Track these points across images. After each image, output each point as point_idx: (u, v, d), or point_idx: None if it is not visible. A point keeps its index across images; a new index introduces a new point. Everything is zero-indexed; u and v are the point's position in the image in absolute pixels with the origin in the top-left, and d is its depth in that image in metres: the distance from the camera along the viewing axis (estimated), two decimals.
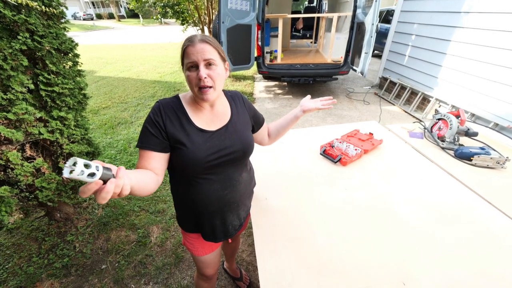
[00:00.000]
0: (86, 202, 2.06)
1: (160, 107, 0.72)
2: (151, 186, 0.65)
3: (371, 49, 3.46)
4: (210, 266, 1.01)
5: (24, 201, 1.53)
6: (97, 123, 3.48)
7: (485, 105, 2.93)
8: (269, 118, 3.71)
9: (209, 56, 0.67)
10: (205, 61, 0.67)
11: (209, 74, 0.68)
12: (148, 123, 0.71)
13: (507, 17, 2.62)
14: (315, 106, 0.98)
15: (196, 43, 0.67)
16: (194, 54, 0.67)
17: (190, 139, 0.71)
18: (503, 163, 1.22)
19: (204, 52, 0.67)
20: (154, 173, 0.69)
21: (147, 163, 0.69)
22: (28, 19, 1.22)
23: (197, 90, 0.69)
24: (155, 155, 0.70)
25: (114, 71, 6.47)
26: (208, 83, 0.68)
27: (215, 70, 0.69)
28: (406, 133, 1.59)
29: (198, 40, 0.68)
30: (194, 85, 0.69)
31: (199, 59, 0.67)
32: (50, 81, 1.38)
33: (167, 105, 0.73)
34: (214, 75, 0.69)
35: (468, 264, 0.78)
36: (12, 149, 1.33)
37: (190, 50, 0.67)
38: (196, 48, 0.67)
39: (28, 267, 1.55)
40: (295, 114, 0.98)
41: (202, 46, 0.67)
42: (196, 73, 0.67)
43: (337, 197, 1.07)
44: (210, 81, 0.68)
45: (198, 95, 0.70)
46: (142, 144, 0.70)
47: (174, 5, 5.58)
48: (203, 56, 0.67)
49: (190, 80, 0.69)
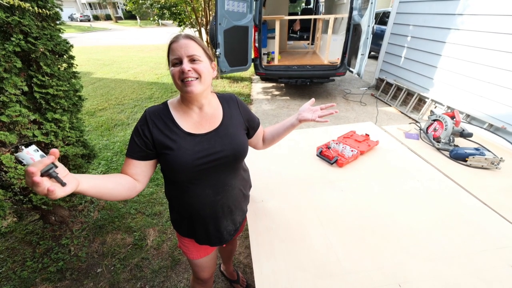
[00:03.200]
0: (82, 205, 2.04)
1: (146, 117, 0.73)
2: (121, 192, 0.66)
3: (367, 50, 3.49)
4: (206, 270, 1.00)
5: (18, 204, 1.51)
6: (94, 125, 3.45)
7: (480, 106, 2.96)
8: (266, 120, 3.71)
9: (193, 52, 0.67)
10: (189, 57, 0.67)
11: (194, 67, 0.68)
12: (135, 133, 0.72)
13: (501, 19, 2.65)
14: (312, 117, 0.89)
15: (180, 39, 0.68)
16: (178, 49, 0.67)
17: (177, 144, 0.71)
18: (497, 164, 1.23)
19: (188, 48, 0.67)
20: (133, 178, 0.72)
21: (127, 168, 0.73)
22: (22, 21, 1.21)
23: (180, 83, 0.68)
24: (135, 162, 0.72)
25: (111, 72, 6.44)
26: (192, 75, 0.67)
27: (199, 64, 0.69)
28: (402, 134, 1.60)
29: (182, 37, 0.69)
30: (177, 78, 0.68)
31: (183, 54, 0.67)
32: (45, 83, 1.37)
33: (153, 113, 0.73)
34: (200, 68, 0.68)
35: (463, 265, 0.78)
36: (6, 152, 1.31)
37: (174, 46, 0.68)
38: (180, 44, 0.67)
39: (22, 271, 1.53)
40: (292, 123, 0.92)
41: (186, 42, 0.67)
42: (180, 67, 0.67)
43: (333, 198, 1.07)
44: (195, 73, 0.68)
45: (182, 88, 0.69)
46: (127, 152, 0.73)
47: (171, 6, 5.57)
48: (187, 52, 0.67)
49: (173, 74, 0.68)
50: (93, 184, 0.58)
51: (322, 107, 0.91)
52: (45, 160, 0.45)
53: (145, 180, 0.75)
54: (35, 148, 0.47)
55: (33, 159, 0.46)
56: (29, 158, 0.46)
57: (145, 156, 0.72)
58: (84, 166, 1.73)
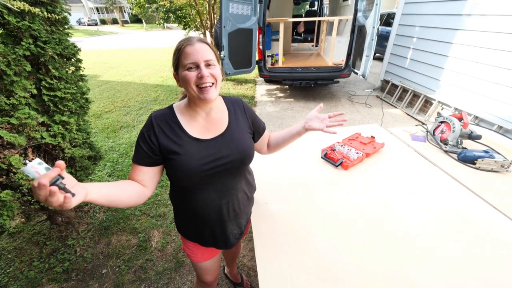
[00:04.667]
0: (88, 206, 2.06)
1: (152, 121, 0.71)
2: (130, 200, 0.66)
3: (372, 52, 3.46)
4: (210, 273, 0.99)
5: (26, 205, 1.53)
6: (100, 127, 3.50)
7: (488, 107, 2.90)
8: (271, 122, 3.71)
9: (209, 57, 0.67)
10: (206, 62, 0.67)
11: (211, 73, 0.67)
12: (141, 138, 0.71)
13: (510, 19, 2.61)
14: (319, 127, 0.84)
15: (195, 43, 0.67)
16: (194, 54, 0.65)
17: (183, 149, 0.70)
18: (507, 167, 1.19)
19: (204, 53, 0.67)
20: (141, 184, 0.71)
21: (135, 174, 0.72)
22: (32, 25, 1.24)
23: (196, 89, 0.67)
24: (143, 169, 0.71)
25: (117, 75, 6.54)
26: (210, 80, 0.67)
27: (215, 69, 0.69)
28: (408, 136, 1.58)
29: (196, 41, 0.68)
30: (193, 83, 0.66)
31: (200, 59, 0.66)
32: (53, 86, 1.40)
33: (159, 117, 0.72)
34: (216, 73, 0.68)
35: (472, 270, 0.76)
36: (15, 153, 1.34)
37: (189, 50, 0.66)
38: (196, 48, 0.66)
39: (29, 271, 1.55)
40: (298, 131, 0.89)
41: (201, 46, 0.67)
42: (197, 72, 0.66)
43: (338, 201, 1.06)
44: (212, 78, 0.68)
45: (198, 95, 0.68)
46: (134, 158, 0.72)
47: (177, 10, 5.65)
48: (204, 57, 0.66)
49: (188, 79, 0.66)
50: (102, 193, 0.58)
51: (330, 115, 0.85)
52: (51, 173, 0.45)
53: (153, 185, 0.74)
54: (39, 161, 0.46)
55: (38, 172, 0.45)
56: (34, 172, 0.45)
57: (152, 162, 0.71)
58: (90, 168, 1.76)
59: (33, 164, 0.45)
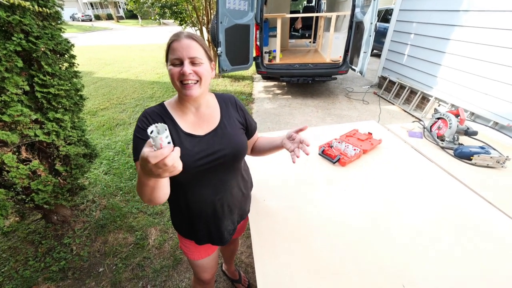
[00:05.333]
0: (84, 204, 2.05)
1: (146, 116, 0.71)
2: (168, 190, 0.64)
3: (369, 48, 3.45)
4: (207, 271, 0.99)
5: (20, 204, 1.51)
6: (95, 125, 3.46)
7: (484, 103, 2.92)
8: (268, 118, 3.70)
9: (194, 54, 0.65)
10: (190, 59, 0.65)
11: (194, 70, 0.66)
12: (138, 132, 0.69)
13: (507, 15, 2.61)
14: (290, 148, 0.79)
15: (182, 38, 0.66)
16: (180, 50, 0.65)
17: (178, 144, 0.69)
18: (503, 162, 1.20)
19: (190, 49, 0.65)
20: None
21: None
22: (23, 20, 1.20)
23: (179, 84, 0.67)
24: None
25: (112, 72, 6.46)
26: (193, 78, 0.66)
27: (200, 66, 0.67)
28: (406, 132, 1.58)
29: (184, 36, 0.66)
30: (176, 79, 0.66)
31: (184, 56, 0.65)
32: (46, 82, 1.37)
33: (152, 113, 0.72)
34: (200, 71, 0.67)
35: (469, 265, 0.77)
36: (7, 152, 1.31)
37: (175, 45, 0.65)
38: (182, 44, 0.65)
39: (24, 270, 1.53)
40: (277, 144, 0.85)
41: (188, 42, 0.65)
42: (180, 68, 0.65)
43: (336, 198, 1.06)
44: (195, 76, 0.66)
45: (181, 90, 0.67)
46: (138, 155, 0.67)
47: (173, 5, 5.56)
48: (188, 54, 0.65)
49: (171, 74, 0.66)
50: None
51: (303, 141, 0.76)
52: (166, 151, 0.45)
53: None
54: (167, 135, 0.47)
55: (161, 145, 0.46)
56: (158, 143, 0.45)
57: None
58: (85, 166, 1.74)
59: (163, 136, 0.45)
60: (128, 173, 2.44)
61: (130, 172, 2.46)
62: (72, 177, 1.65)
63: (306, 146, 0.75)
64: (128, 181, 2.33)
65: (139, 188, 0.58)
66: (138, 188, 0.60)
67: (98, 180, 2.35)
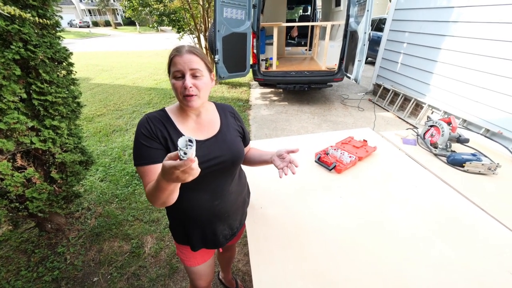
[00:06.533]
0: (79, 212, 2.02)
1: (147, 120, 0.73)
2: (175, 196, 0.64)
3: (364, 56, 3.53)
4: (203, 278, 0.99)
5: (14, 212, 1.49)
6: (92, 131, 3.45)
7: (476, 111, 2.99)
8: (265, 125, 3.73)
9: (195, 66, 0.69)
10: (191, 71, 0.69)
11: (195, 84, 0.70)
12: (140, 137, 0.71)
13: (495, 27, 2.71)
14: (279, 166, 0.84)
15: (184, 53, 0.69)
16: (181, 63, 0.68)
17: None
18: (494, 169, 1.23)
19: (191, 63, 0.68)
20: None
21: (153, 175, 0.68)
22: (22, 29, 1.21)
23: (182, 97, 0.71)
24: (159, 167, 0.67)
25: (109, 78, 6.46)
26: (193, 92, 0.69)
27: (201, 80, 0.71)
28: (400, 140, 1.61)
29: (185, 51, 0.69)
30: (179, 93, 0.70)
31: (186, 69, 0.68)
32: (43, 90, 1.37)
33: (154, 118, 0.74)
34: (200, 85, 0.70)
35: (462, 271, 0.78)
36: (2, 159, 1.30)
37: (177, 60, 0.69)
38: (183, 59, 0.68)
39: (16, 281, 1.50)
40: (267, 159, 0.89)
41: (189, 57, 0.69)
42: (182, 82, 0.69)
43: (332, 205, 1.07)
44: (195, 90, 0.70)
45: (183, 102, 0.72)
46: (141, 160, 0.70)
47: (170, 13, 5.64)
48: (190, 66, 0.68)
49: (175, 88, 0.70)
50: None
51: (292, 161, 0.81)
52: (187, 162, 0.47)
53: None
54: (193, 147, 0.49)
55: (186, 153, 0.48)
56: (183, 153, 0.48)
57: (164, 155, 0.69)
58: (81, 173, 1.72)
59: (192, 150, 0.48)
60: (124, 180, 2.42)
61: (126, 179, 2.44)
62: (68, 185, 1.64)
63: (294, 166, 0.81)
64: (124, 188, 2.31)
65: (154, 193, 0.60)
66: (152, 193, 0.61)
67: (93, 187, 2.32)
